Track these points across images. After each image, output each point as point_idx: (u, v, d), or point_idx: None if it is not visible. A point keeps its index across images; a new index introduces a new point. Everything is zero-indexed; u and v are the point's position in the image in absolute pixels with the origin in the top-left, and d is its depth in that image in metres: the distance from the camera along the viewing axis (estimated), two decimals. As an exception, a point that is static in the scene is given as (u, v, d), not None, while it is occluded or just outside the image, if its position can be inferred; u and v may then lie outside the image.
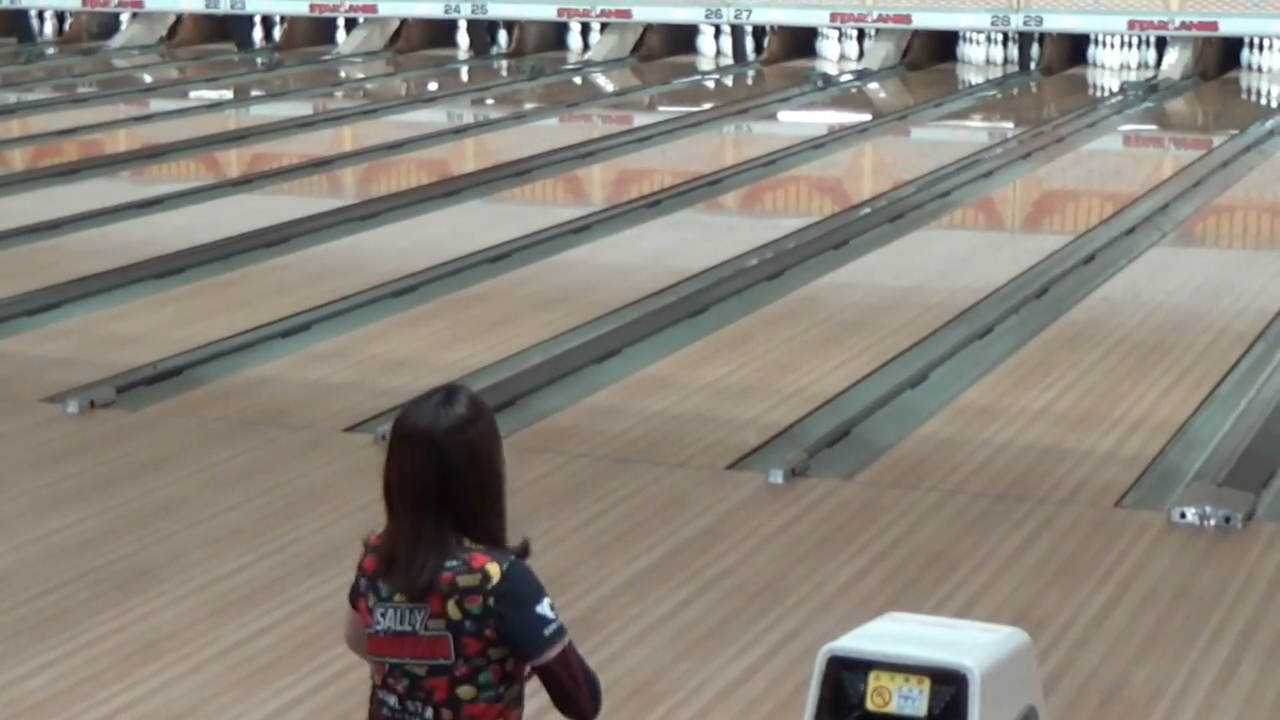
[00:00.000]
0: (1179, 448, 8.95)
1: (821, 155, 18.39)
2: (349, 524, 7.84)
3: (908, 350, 10.63)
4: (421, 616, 3.74)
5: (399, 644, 3.77)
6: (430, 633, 3.73)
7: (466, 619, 3.71)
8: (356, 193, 16.76)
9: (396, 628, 3.77)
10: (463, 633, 3.71)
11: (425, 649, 3.74)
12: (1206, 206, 15.68)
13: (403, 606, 3.75)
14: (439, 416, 3.75)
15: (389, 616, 3.77)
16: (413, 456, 3.74)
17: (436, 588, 3.72)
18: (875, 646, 4.40)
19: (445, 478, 3.73)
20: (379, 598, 3.80)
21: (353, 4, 27.10)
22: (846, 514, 7.94)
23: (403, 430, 3.79)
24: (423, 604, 3.73)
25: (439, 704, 3.75)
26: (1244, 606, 6.91)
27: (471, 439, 3.76)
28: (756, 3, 25.35)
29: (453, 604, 3.71)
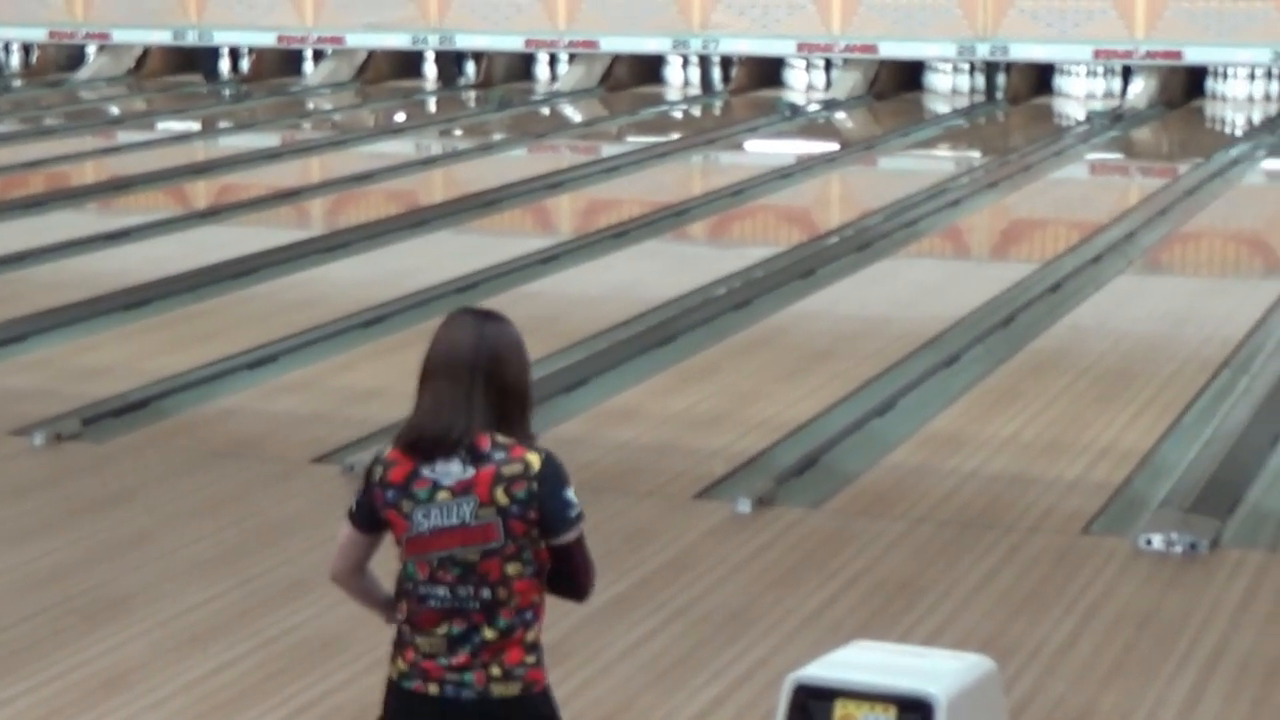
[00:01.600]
0: (1145, 475, 8.98)
1: (789, 185, 18.44)
2: (317, 555, 7.82)
3: (875, 379, 10.65)
4: (470, 507, 4.14)
5: (447, 537, 4.15)
6: (480, 520, 4.13)
7: (513, 504, 4.14)
8: (324, 224, 16.77)
9: (444, 523, 4.15)
10: (510, 516, 4.14)
11: (477, 535, 4.14)
12: (1172, 234, 15.75)
13: (448, 503, 4.14)
14: (482, 326, 4.22)
15: (433, 515, 4.15)
16: (454, 347, 4.20)
17: (479, 475, 4.13)
18: (841, 674, 4.41)
19: (481, 368, 4.17)
20: (417, 501, 4.17)
21: (320, 36, 27.13)
22: (814, 543, 7.95)
23: (447, 328, 4.25)
24: (468, 495, 4.13)
25: (494, 584, 4.16)
26: (1210, 633, 6.93)
27: (510, 346, 4.22)
28: (724, 33, 25.42)
29: (500, 491, 4.13)
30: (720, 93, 25.92)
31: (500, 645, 4.18)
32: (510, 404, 4.21)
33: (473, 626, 4.17)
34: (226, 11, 27.38)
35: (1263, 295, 12.91)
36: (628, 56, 26.32)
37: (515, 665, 4.19)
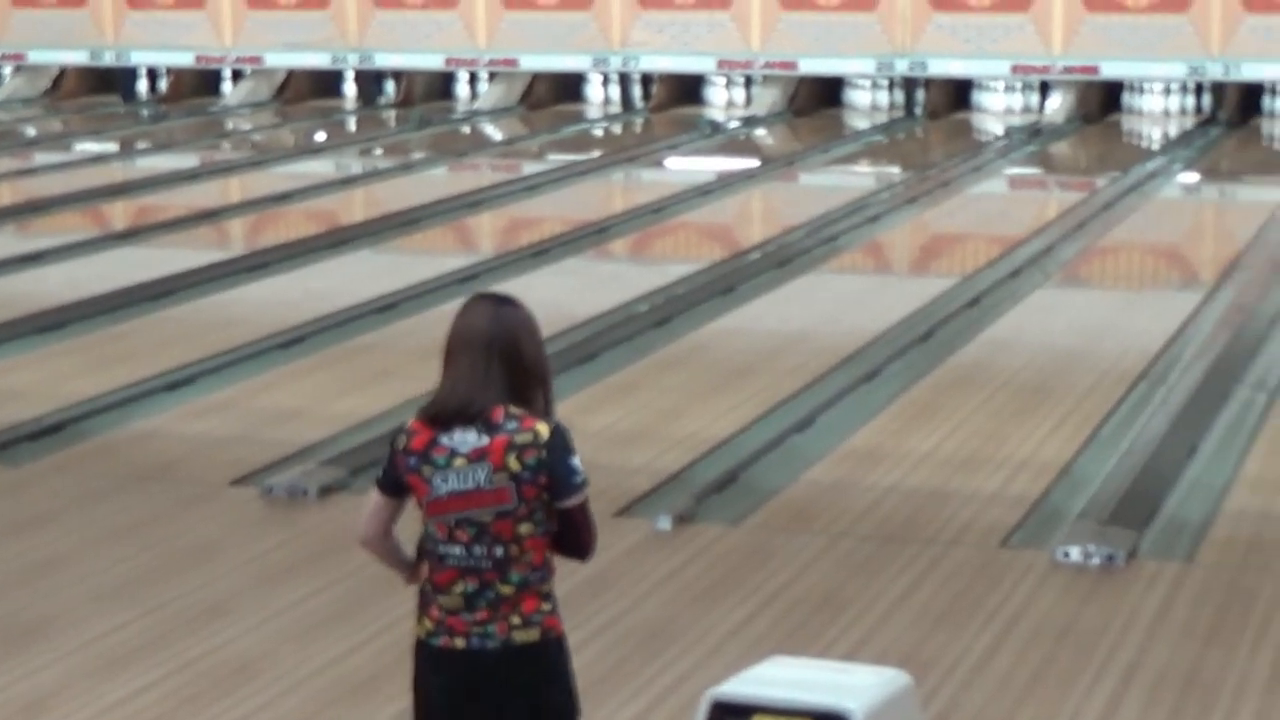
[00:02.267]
0: (1063, 487, 9.03)
1: (710, 201, 18.47)
2: (236, 578, 7.81)
3: (795, 395, 10.68)
4: (485, 472, 4.53)
5: (464, 499, 4.55)
6: (494, 485, 4.53)
7: (525, 469, 4.54)
8: (244, 244, 16.71)
9: (460, 487, 4.55)
10: (522, 481, 4.54)
11: (490, 499, 4.54)
12: (1090, 248, 15.85)
13: (464, 469, 4.54)
14: (498, 309, 4.62)
15: (451, 480, 4.56)
16: (472, 329, 4.58)
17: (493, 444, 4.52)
18: (758, 690, 4.41)
19: (497, 348, 4.57)
20: (436, 467, 4.57)
21: (239, 56, 27.01)
22: (734, 559, 7.96)
23: (467, 312, 4.63)
24: (483, 462, 4.52)
25: (506, 542, 4.55)
26: (1127, 644, 6.97)
27: (523, 326, 4.63)
28: (643, 50, 25.44)
29: (513, 458, 4.53)
30: (640, 110, 25.95)
31: (516, 598, 4.58)
32: (527, 381, 4.61)
33: (485, 584, 4.57)
34: (144, 32, 27.24)
35: (1179, 307, 13.00)
36: (548, 75, 26.30)
37: (532, 613, 4.59)
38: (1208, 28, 23.32)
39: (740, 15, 24.98)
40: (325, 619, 7.34)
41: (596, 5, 25.47)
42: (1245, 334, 12.01)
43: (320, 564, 7.96)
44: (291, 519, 8.61)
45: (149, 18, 27.20)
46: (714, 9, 25.05)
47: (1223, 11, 23.24)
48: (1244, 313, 12.60)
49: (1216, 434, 9.90)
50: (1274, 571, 7.79)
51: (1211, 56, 23.34)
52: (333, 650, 7.03)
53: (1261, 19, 23.12)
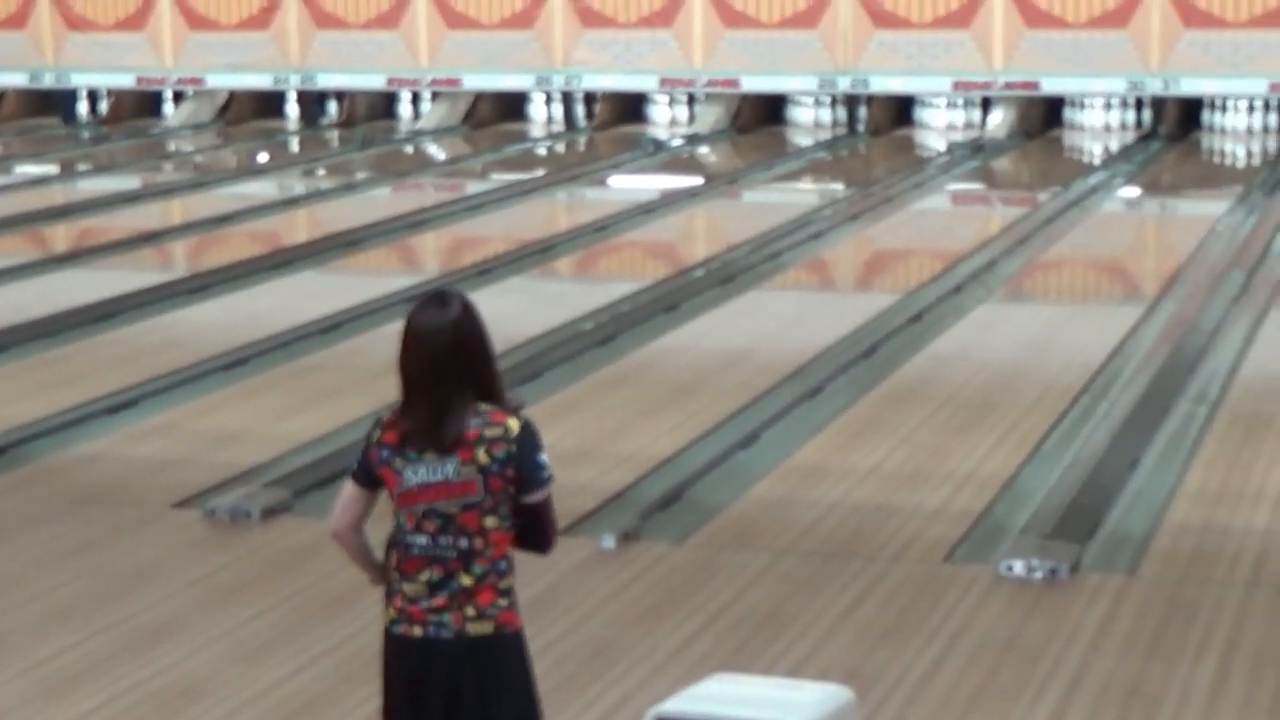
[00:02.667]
0: (1006, 502, 9.06)
1: (653, 219, 18.50)
2: (179, 600, 7.78)
3: (739, 412, 10.70)
4: (453, 465, 4.65)
5: (432, 491, 4.67)
6: (462, 477, 4.65)
7: (493, 463, 4.65)
8: (186, 266, 16.66)
9: (429, 479, 4.67)
10: (490, 474, 4.65)
11: (457, 490, 4.65)
12: (1033, 263, 15.92)
13: (434, 461, 4.66)
14: (445, 313, 4.69)
15: (421, 472, 4.68)
16: (431, 345, 4.65)
17: (463, 441, 4.63)
18: (702, 707, 4.43)
19: (460, 357, 4.66)
20: (407, 460, 4.69)
21: (180, 77, 26.94)
22: (679, 577, 7.97)
23: (417, 329, 4.69)
24: (452, 455, 4.64)
25: (471, 534, 4.67)
26: (1070, 657, 7.00)
27: (474, 324, 4.71)
28: (586, 69, 25.47)
29: (482, 451, 4.64)
30: (584, 129, 25.97)
31: (475, 590, 4.69)
32: (486, 376, 4.71)
33: (450, 574, 4.69)
34: (84, 53, 27.15)
35: (1121, 321, 13.07)
36: (490, 94, 26.31)
37: (488, 606, 4.70)
38: (1147, 43, 23.47)
39: (682, 33, 25.03)
40: (270, 640, 7.32)
41: (539, 24, 25.49)
42: (1186, 347, 12.08)
43: (264, 586, 7.94)
44: (235, 541, 8.59)
45: (89, 39, 27.11)
46: (656, 27, 25.10)
47: (1162, 27, 23.39)
48: (1185, 326, 12.68)
49: (1158, 447, 9.96)
50: (1216, 583, 7.84)
51: (1151, 72, 23.49)
52: (278, 671, 7.01)
53: (1200, 34, 23.28)
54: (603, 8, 25.27)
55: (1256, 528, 8.60)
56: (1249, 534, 8.51)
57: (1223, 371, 11.59)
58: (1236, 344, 12.30)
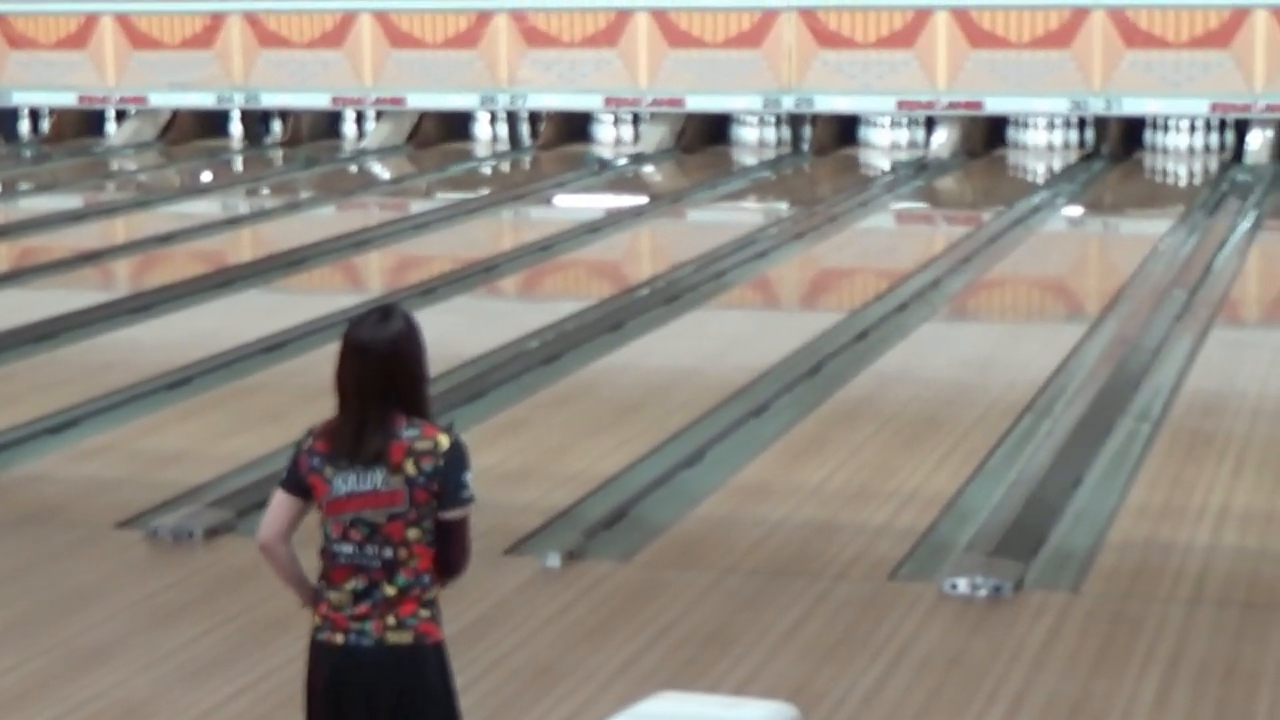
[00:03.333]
0: (950, 520, 9.08)
1: (598, 238, 18.50)
2: (121, 621, 7.73)
3: (684, 430, 10.69)
4: (382, 475, 4.71)
5: (360, 500, 4.73)
6: (389, 487, 4.71)
7: (421, 475, 4.71)
8: (129, 285, 16.58)
9: (358, 488, 4.72)
10: (416, 486, 4.71)
11: (385, 500, 4.72)
12: (977, 282, 15.97)
13: (363, 471, 4.72)
14: (383, 329, 4.76)
15: (350, 481, 4.73)
16: (365, 360, 4.72)
17: (392, 453, 4.69)
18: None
19: (393, 374, 4.74)
20: (338, 468, 4.74)
21: (123, 95, 26.84)
22: (623, 596, 7.96)
23: (355, 342, 4.76)
24: (382, 465, 4.70)
25: (396, 544, 4.72)
26: (1015, 674, 7.01)
27: (411, 343, 4.79)
28: (531, 88, 25.47)
29: (410, 463, 4.71)
30: (528, 148, 25.97)
31: (398, 600, 4.74)
32: (415, 394, 4.78)
33: (374, 583, 4.74)
34: (26, 71, 27.02)
35: (1064, 340, 13.12)
36: (435, 113, 26.29)
37: (409, 616, 4.75)
38: (1089, 63, 23.59)
39: (627, 53, 25.06)
40: (213, 661, 7.28)
41: (483, 43, 25.49)
42: (1129, 365, 12.13)
43: (207, 606, 7.90)
44: (178, 561, 8.54)
45: (31, 57, 26.99)
46: (601, 47, 25.13)
47: (1104, 47, 23.52)
48: (1127, 344, 12.73)
49: (1101, 465, 9.99)
50: (1159, 600, 7.86)
51: (1093, 91, 23.61)
52: (221, 693, 6.97)
53: (1141, 54, 23.41)
54: (547, 27, 25.29)
55: (1199, 544, 8.64)
56: (1191, 550, 8.55)
57: (1165, 389, 11.64)
58: (1179, 362, 12.36)
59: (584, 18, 25.17)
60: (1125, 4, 23.42)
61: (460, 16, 25.55)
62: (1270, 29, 23.04)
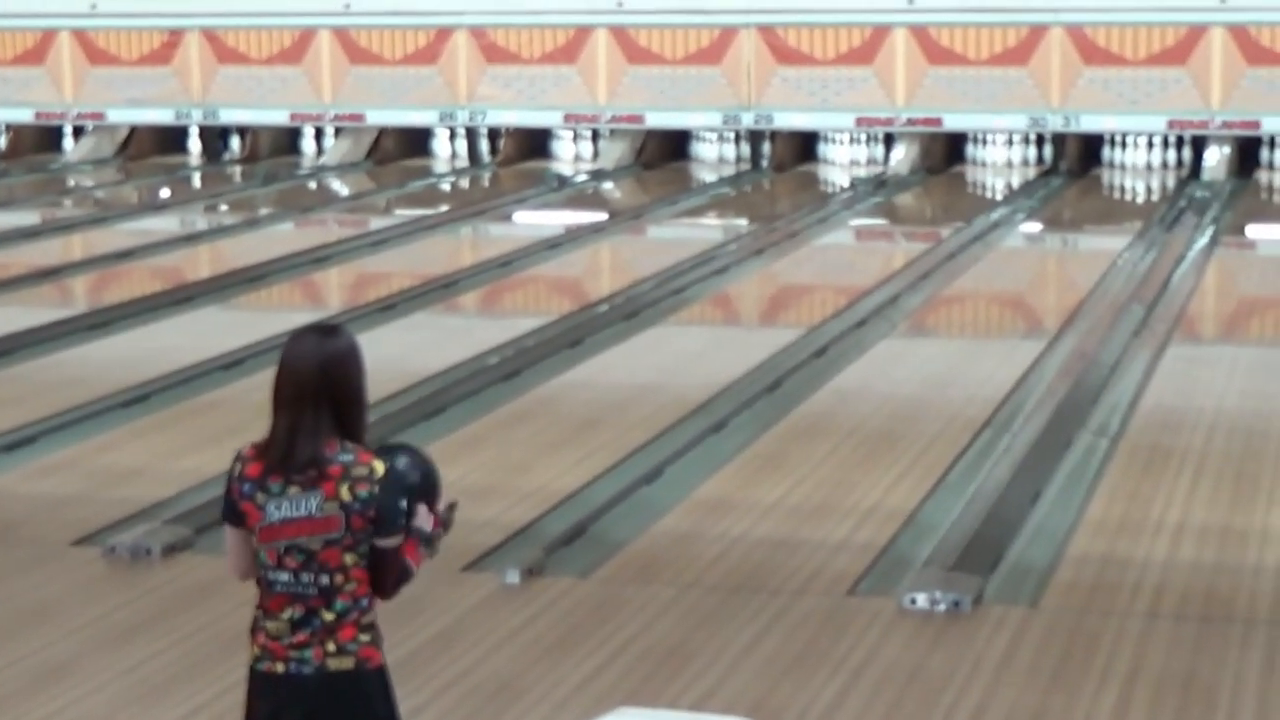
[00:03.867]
0: (909, 535, 9.09)
1: (558, 255, 18.49)
2: (78, 639, 7.70)
3: (643, 446, 10.69)
4: (316, 501, 4.66)
5: (295, 526, 4.67)
6: (324, 513, 4.66)
7: (356, 501, 4.66)
8: (86, 302, 16.52)
9: (292, 515, 4.67)
10: (352, 512, 4.66)
11: (320, 526, 4.66)
12: (936, 297, 16.00)
13: (298, 497, 4.67)
14: (323, 344, 4.71)
15: (284, 507, 4.67)
16: (303, 371, 4.67)
17: (327, 476, 4.65)
18: (605, 742, 4.41)
19: (330, 389, 4.68)
20: (270, 494, 4.69)
21: (80, 111, 26.76)
22: (583, 612, 7.95)
23: (295, 352, 4.71)
24: (316, 490, 4.65)
25: (332, 571, 4.68)
26: (973, 688, 7.02)
27: (351, 362, 4.74)
28: (490, 105, 25.46)
29: (345, 489, 4.65)
30: (488, 164, 25.95)
31: (336, 625, 4.71)
32: (350, 412, 4.73)
33: (311, 610, 4.70)
34: (-17, 88, 26.96)
35: (1022, 355, 13.14)
36: (394, 129, 26.27)
37: (349, 641, 4.72)
38: (1047, 80, 23.67)
39: (587, 69, 25.07)
40: (169, 679, 7.25)
41: (442, 60, 25.48)
42: (1087, 381, 12.16)
43: (164, 624, 7.87)
44: (135, 579, 8.51)
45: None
46: (560, 63, 25.13)
47: (1062, 65, 23.60)
48: (1086, 360, 12.76)
49: (1059, 480, 10.02)
50: (1117, 614, 7.88)
51: (1052, 108, 23.69)
52: (177, 710, 6.94)
53: (1099, 72, 23.50)
54: (506, 44, 25.28)
55: (1157, 558, 8.66)
56: (1149, 565, 8.57)
57: (1123, 404, 11.68)
58: (1137, 377, 12.41)
59: (543, 34, 25.18)
60: (1083, 21, 23.52)
61: (419, 33, 25.53)
62: (1226, 46, 23.15)
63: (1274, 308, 16.22)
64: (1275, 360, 13.57)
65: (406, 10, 25.51)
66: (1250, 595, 8.18)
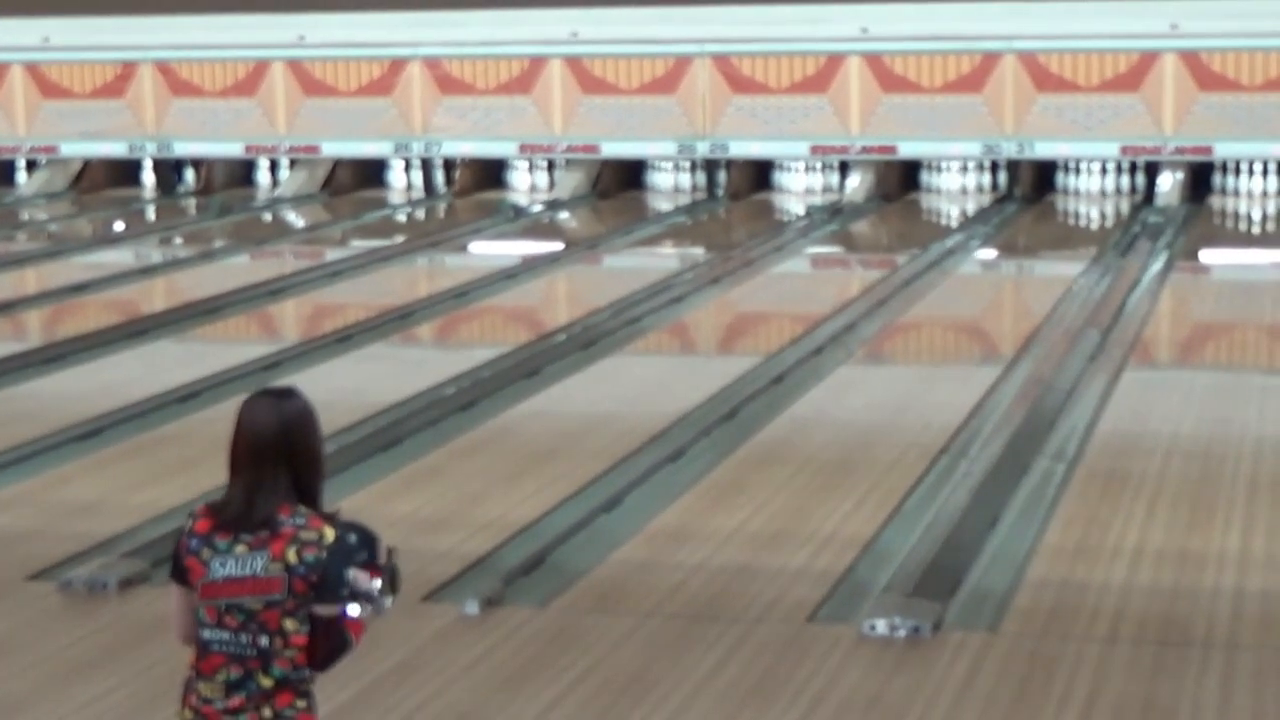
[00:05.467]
0: (868, 562, 9.09)
1: (514, 285, 18.48)
2: (35, 674, 7.64)
3: (601, 476, 10.67)
4: (262, 561, 4.61)
5: (238, 585, 4.62)
6: (268, 573, 4.61)
7: (301, 564, 4.61)
8: (40, 336, 16.44)
9: (237, 573, 4.63)
10: (296, 575, 4.61)
11: (263, 587, 4.61)
12: (892, 325, 16.02)
13: (244, 555, 4.63)
14: (281, 406, 4.71)
15: (229, 565, 4.64)
16: (262, 431, 4.66)
17: (277, 535, 4.62)
18: (564, 772, 4.39)
19: (289, 449, 4.66)
20: (216, 551, 4.65)
21: (33, 145, 26.68)
22: (542, 642, 7.92)
23: (252, 414, 4.69)
24: (263, 550, 4.62)
25: (271, 633, 4.62)
26: (934, 714, 7.02)
27: (309, 423, 4.74)
28: (445, 136, 25.46)
29: (292, 551, 4.61)
30: (444, 195, 25.95)
31: (274, 691, 4.64)
32: (308, 475, 4.72)
33: (248, 673, 4.64)
34: (-64, 122, 26.85)
35: (979, 381, 13.17)
36: (349, 161, 26.25)
37: (285, 708, 4.66)
38: (1001, 107, 23.77)
39: (542, 100, 25.09)
40: (129, 712, 7.21)
41: (397, 90, 25.47)
42: (1043, 406, 12.19)
43: (121, 658, 7.82)
44: (91, 613, 8.45)
45: (-59, 108, 26.81)
46: (515, 94, 25.15)
47: (1015, 92, 23.70)
48: (1042, 385, 12.78)
49: (1017, 505, 10.03)
50: (1075, 639, 7.89)
51: (1006, 135, 23.79)
52: (134, 746, 6.90)
53: (1053, 98, 23.61)
54: (461, 74, 25.29)
55: (1114, 583, 8.67)
56: (1107, 589, 8.58)
57: (1080, 429, 11.70)
58: (1093, 402, 12.44)
59: (498, 65, 25.20)
60: (1036, 48, 23.63)
61: (374, 64, 25.53)
62: (1179, 72, 23.28)
63: (1228, 332, 16.29)
64: (1230, 384, 13.62)
65: (361, 42, 25.51)
66: (1208, 619, 8.19)
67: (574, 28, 24.90)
